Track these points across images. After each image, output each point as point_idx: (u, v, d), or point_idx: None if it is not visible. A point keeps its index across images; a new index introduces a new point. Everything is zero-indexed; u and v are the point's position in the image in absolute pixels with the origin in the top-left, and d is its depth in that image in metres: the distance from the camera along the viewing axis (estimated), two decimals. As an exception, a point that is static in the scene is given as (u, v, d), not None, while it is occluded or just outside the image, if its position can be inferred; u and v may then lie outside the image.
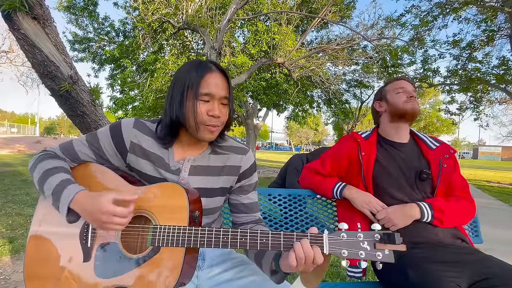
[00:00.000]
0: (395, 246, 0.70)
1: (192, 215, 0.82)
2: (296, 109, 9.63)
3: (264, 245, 0.76)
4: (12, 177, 6.38)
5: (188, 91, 0.86)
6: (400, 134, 1.39)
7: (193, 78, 0.86)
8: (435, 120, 24.91)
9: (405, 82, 1.41)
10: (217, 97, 0.88)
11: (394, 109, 1.38)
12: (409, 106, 1.35)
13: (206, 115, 0.86)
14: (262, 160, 19.45)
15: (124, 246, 0.84)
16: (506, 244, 3.37)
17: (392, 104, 1.40)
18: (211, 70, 0.88)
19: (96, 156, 0.94)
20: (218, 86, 0.88)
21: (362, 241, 0.72)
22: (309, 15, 7.03)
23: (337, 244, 0.73)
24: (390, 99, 1.41)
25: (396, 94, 1.39)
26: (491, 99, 11.50)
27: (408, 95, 1.37)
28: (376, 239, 0.72)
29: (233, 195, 1.03)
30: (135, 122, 0.94)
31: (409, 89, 1.38)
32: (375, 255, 0.71)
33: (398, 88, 1.40)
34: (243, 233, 0.77)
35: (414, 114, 1.36)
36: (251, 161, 1.02)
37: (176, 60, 6.90)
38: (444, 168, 1.31)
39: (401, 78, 1.45)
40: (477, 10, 8.54)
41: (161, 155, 0.93)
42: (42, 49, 1.75)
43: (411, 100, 1.36)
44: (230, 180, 0.99)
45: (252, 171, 1.03)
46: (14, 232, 2.97)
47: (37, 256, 0.87)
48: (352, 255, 0.71)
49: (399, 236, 0.69)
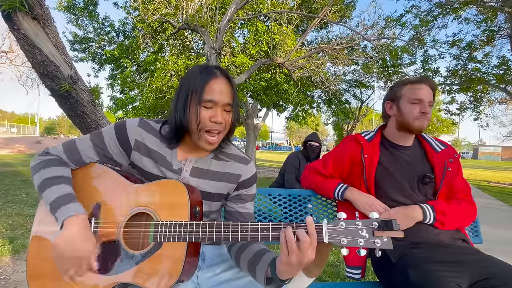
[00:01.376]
0: (393, 232, 0.71)
1: (193, 210, 0.83)
2: (296, 109, 9.63)
3: (265, 236, 0.77)
4: (12, 177, 6.39)
5: (192, 96, 0.87)
6: (405, 139, 1.37)
7: (198, 84, 0.87)
8: (435, 120, 24.91)
9: (425, 91, 1.29)
10: (220, 104, 0.88)
11: (402, 120, 1.32)
12: (417, 124, 1.28)
13: (209, 121, 0.87)
14: (262, 160, 19.44)
15: (126, 243, 0.85)
16: (506, 244, 3.37)
17: (402, 114, 1.32)
18: (215, 76, 0.88)
19: (100, 156, 0.95)
20: (222, 93, 0.88)
21: (361, 229, 0.73)
22: (309, 15, 7.03)
23: (336, 232, 0.74)
24: (402, 108, 1.32)
25: (411, 104, 1.30)
26: (491, 99, 11.50)
27: (422, 110, 1.28)
28: (374, 227, 0.73)
29: (230, 202, 1.03)
30: (140, 122, 0.96)
31: (426, 102, 1.28)
32: (374, 243, 0.72)
33: (415, 98, 1.29)
34: (243, 226, 0.78)
35: (420, 131, 1.32)
36: (252, 172, 1.02)
37: (176, 60, 6.90)
38: (448, 171, 1.30)
39: (423, 80, 1.32)
40: (477, 10, 8.54)
41: (164, 154, 0.94)
42: (42, 49, 1.75)
43: (422, 118, 1.28)
44: (228, 188, 0.99)
45: (251, 182, 1.03)
46: (14, 232, 2.97)
47: (40, 255, 0.88)
48: (351, 243, 0.72)
49: (396, 222, 0.70)
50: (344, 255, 0.73)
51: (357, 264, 1.32)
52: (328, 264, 2.51)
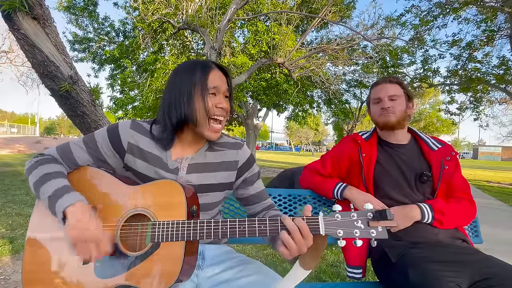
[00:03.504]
0: (387, 222, 0.73)
1: (189, 209, 0.83)
2: (296, 109, 9.62)
3: (262, 231, 0.78)
4: (12, 177, 6.38)
5: (195, 89, 0.90)
6: (396, 137, 1.39)
7: (199, 76, 0.91)
8: (435, 120, 24.88)
9: (383, 89, 1.37)
10: (222, 90, 0.94)
11: (373, 120, 1.43)
12: (381, 120, 1.36)
13: (215, 108, 0.92)
14: (262, 160, 19.45)
15: (123, 245, 0.84)
16: (506, 244, 3.37)
17: (372, 115, 1.44)
18: (212, 67, 0.95)
19: (93, 158, 0.95)
20: (222, 80, 0.95)
21: (356, 220, 0.75)
22: (309, 15, 7.02)
23: (332, 224, 0.76)
24: (370, 109, 1.45)
25: (374, 104, 1.41)
26: (491, 99, 11.49)
27: (381, 106, 1.36)
28: (369, 218, 0.75)
29: (240, 189, 1.06)
30: (132, 124, 0.96)
31: (385, 98, 1.35)
32: (369, 233, 0.74)
33: (375, 98, 1.40)
34: (241, 222, 0.79)
35: (389, 126, 1.35)
36: (247, 153, 1.05)
37: (176, 60, 6.90)
38: (445, 169, 1.30)
39: (382, 81, 1.41)
40: (477, 10, 8.53)
41: (159, 155, 0.95)
42: (42, 49, 1.75)
43: (383, 113, 1.35)
44: (229, 175, 1.01)
45: (251, 163, 1.05)
46: (14, 232, 2.97)
47: (36, 259, 0.87)
48: (347, 234, 0.74)
49: (390, 212, 0.72)
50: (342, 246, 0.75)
51: (357, 264, 1.32)
52: (328, 264, 2.51)
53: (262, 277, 0.93)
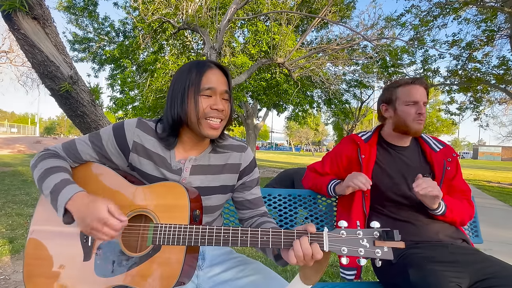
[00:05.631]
0: (394, 243, 0.70)
1: (192, 214, 0.82)
2: (296, 109, 9.63)
3: (264, 242, 0.76)
4: (12, 177, 6.38)
5: (189, 89, 0.88)
6: (402, 140, 1.37)
7: (194, 76, 0.89)
8: (435, 120, 24.88)
9: (420, 93, 1.28)
10: (219, 91, 0.90)
11: (399, 123, 1.31)
12: (415, 127, 1.28)
13: (209, 109, 0.88)
14: (262, 160, 19.44)
15: (124, 245, 0.84)
16: (506, 244, 3.37)
17: (399, 116, 1.31)
18: (210, 67, 0.91)
19: (98, 155, 0.95)
20: (219, 81, 0.90)
21: (362, 239, 0.73)
22: (309, 15, 7.02)
23: (336, 241, 0.73)
24: (398, 110, 1.32)
25: (407, 106, 1.29)
26: (491, 99, 11.49)
27: (418, 111, 1.27)
28: (375, 237, 0.72)
29: (237, 192, 1.04)
30: (138, 122, 0.95)
31: (421, 103, 1.28)
32: (374, 252, 0.71)
33: (410, 100, 1.28)
34: (244, 231, 0.77)
35: (417, 134, 1.31)
36: (250, 157, 1.04)
37: (176, 60, 6.90)
38: (447, 171, 1.30)
39: (416, 81, 1.30)
40: (477, 10, 8.54)
41: (163, 155, 0.94)
42: (42, 49, 1.75)
43: (418, 118, 1.27)
44: (231, 178, 1.00)
45: (252, 167, 1.04)
46: (14, 232, 2.97)
47: (37, 255, 0.87)
48: (352, 252, 0.72)
49: (397, 233, 0.70)
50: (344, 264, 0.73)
51: (350, 266, 1.32)
52: (328, 264, 2.51)
53: (262, 277, 0.93)
